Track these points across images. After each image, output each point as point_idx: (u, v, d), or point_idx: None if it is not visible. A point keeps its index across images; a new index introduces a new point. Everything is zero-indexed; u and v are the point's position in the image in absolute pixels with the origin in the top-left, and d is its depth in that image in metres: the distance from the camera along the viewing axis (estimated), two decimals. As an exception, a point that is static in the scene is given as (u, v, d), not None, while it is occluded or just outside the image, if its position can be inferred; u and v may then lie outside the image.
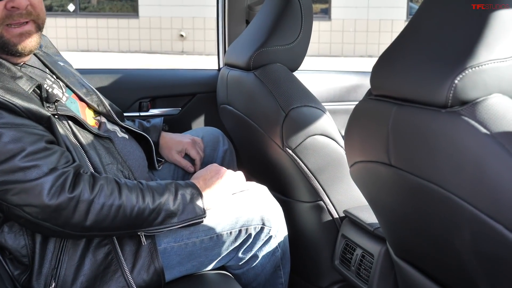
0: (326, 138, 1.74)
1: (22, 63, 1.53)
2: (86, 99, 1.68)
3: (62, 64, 1.74)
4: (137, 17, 12.61)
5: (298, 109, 1.74)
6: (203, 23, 12.20)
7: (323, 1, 12.79)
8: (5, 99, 1.32)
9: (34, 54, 1.63)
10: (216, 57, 2.61)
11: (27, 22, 1.45)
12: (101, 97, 1.74)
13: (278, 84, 1.82)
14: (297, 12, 1.92)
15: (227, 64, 2.19)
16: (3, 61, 1.45)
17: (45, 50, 1.73)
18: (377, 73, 1.19)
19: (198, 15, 12.16)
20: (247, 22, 2.51)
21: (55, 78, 1.63)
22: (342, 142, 1.75)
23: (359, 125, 1.26)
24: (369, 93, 1.25)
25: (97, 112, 1.72)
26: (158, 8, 12.41)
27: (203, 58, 11.40)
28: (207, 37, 12.22)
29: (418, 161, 1.04)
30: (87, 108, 1.68)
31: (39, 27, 1.50)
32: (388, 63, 1.15)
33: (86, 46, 12.68)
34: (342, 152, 1.75)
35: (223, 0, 2.51)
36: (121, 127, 1.76)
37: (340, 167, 1.75)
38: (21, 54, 1.47)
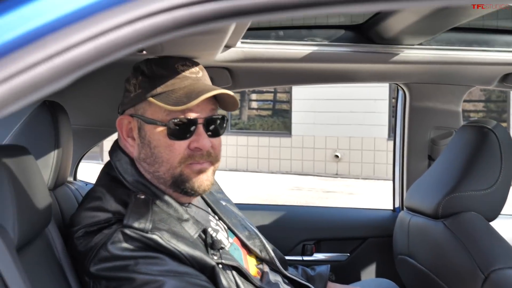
0: (539, 311, 1.54)
1: (188, 204, 1.58)
2: (248, 243, 1.68)
3: (224, 203, 1.79)
4: (289, 135, 13.04)
5: (501, 271, 1.60)
6: (361, 143, 12.28)
7: (501, 120, 12.36)
8: (171, 244, 1.36)
9: None
10: (392, 195, 2.54)
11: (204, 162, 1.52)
12: (264, 241, 1.74)
13: (474, 238, 1.71)
14: (495, 150, 1.82)
15: (408, 208, 2.10)
16: (171, 201, 1.50)
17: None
18: None
19: (355, 135, 12.29)
20: (430, 158, 2.44)
21: (217, 219, 1.66)
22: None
23: None
24: None
25: (259, 259, 1.70)
26: (312, 127, 12.76)
27: (359, 183, 11.35)
28: (364, 159, 12.23)
29: None
30: (248, 255, 1.68)
31: (214, 169, 1.56)
32: None
33: (235, 165, 13.25)
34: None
35: (401, 132, 2.47)
36: (283, 276, 1.72)
37: None
38: (194, 193, 1.51)
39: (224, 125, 1.57)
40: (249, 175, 12.36)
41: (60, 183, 1.74)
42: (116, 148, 1.58)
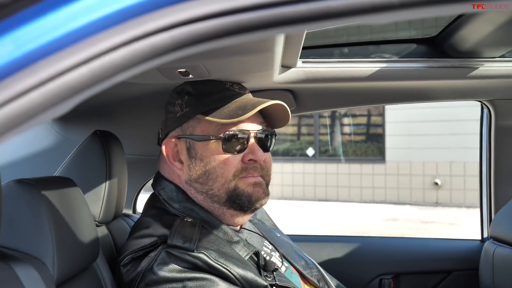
0: None
1: (239, 228, 1.60)
2: (304, 272, 1.69)
3: (278, 235, 1.80)
4: (383, 161, 12.83)
5: None
6: (463, 169, 11.90)
7: None
8: (220, 263, 1.37)
9: (250, 221, 1.71)
10: (479, 224, 2.45)
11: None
12: (323, 271, 1.74)
13: None
14: None
15: (493, 238, 2.03)
16: (221, 224, 1.53)
17: (261, 219, 1.81)
18: None
19: (457, 160, 11.93)
20: (520, 183, 2.33)
21: (272, 246, 1.68)
22: None
23: None
24: None
25: None
26: (408, 152, 12.50)
27: (462, 212, 10.98)
28: (467, 185, 11.82)
29: None
30: (306, 286, 1.68)
31: (267, 185, 1.58)
32: None
33: (324, 195, 13.16)
34: None
35: (487, 154, 2.37)
36: None
37: None
38: (251, 207, 1.54)
39: (274, 140, 1.62)
40: (340, 205, 12.24)
41: (114, 215, 1.79)
42: (158, 177, 1.62)
